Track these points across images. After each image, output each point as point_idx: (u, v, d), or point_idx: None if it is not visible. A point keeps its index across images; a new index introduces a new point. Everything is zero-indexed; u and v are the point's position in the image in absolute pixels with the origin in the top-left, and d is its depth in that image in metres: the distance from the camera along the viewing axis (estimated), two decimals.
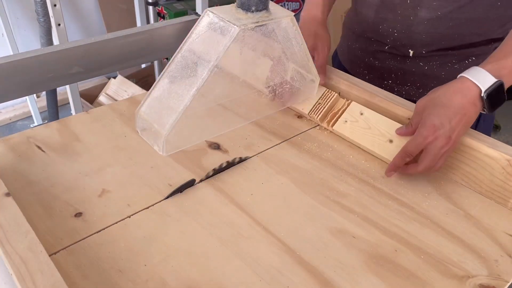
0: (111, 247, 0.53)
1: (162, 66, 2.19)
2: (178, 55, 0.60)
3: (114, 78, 2.22)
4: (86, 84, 2.28)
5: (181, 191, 0.62)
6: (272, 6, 0.61)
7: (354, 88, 0.78)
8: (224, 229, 0.57)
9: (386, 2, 0.83)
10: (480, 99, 0.61)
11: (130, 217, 0.58)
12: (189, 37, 0.60)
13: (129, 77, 2.21)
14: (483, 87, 0.60)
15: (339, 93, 0.80)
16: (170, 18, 2.16)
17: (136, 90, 2.11)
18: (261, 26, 0.59)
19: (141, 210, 0.59)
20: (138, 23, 2.18)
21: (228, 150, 0.72)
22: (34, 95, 2.19)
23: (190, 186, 0.63)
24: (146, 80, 2.32)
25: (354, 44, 0.93)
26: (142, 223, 0.57)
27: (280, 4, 2.36)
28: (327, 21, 0.87)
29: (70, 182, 0.63)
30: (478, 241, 0.58)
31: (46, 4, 1.58)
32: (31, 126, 2.19)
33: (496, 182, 0.64)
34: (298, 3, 2.49)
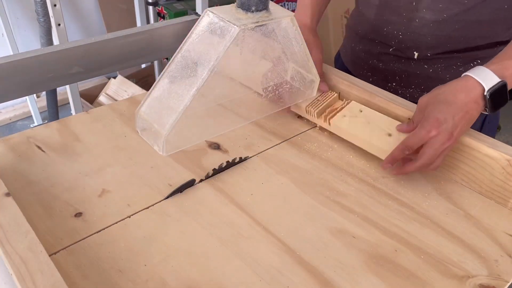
0: (111, 247, 0.53)
1: (162, 66, 2.19)
2: (178, 55, 0.60)
3: (114, 78, 2.22)
4: (86, 84, 2.28)
5: (181, 191, 0.62)
6: (272, 6, 0.61)
7: (354, 88, 0.78)
8: (224, 229, 0.57)
9: (390, 4, 0.82)
10: (483, 98, 0.61)
11: (130, 217, 0.58)
12: (189, 37, 0.60)
13: (129, 77, 2.21)
14: (487, 86, 0.60)
15: (339, 93, 0.80)
16: (170, 18, 2.16)
17: (136, 90, 2.11)
18: (261, 26, 0.59)
19: (141, 210, 0.59)
20: (138, 23, 2.18)
21: (228, 150, 0.72)
22: (34, 95, 2.19)
23: (190, 186, 0.63)
24: (146, 80, 2.32)
25: (357, 45, 0.93)
26: (142, 223, 0.57)
27: (280, 4, 2.36)
28: (328, 23, 0.86)
29: (70, 182, 0.63)
30: (478, 241, 0.58)
31: (46, 4, 1.58)
32: (31, 126, 2.19)
33: (496, 182, 0.64)
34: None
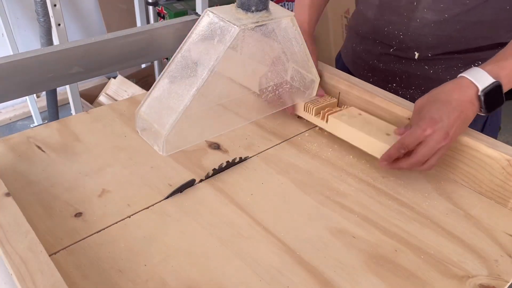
0: (111, 247, 0.53)
1: (162, 66, 2.19)
2: (178, 55, 0.60)
3: (114, 78, 2.22)
4: (86, 84, 2.28)
5: (181, 191, 0.62)
6: (272, 6, 0.61)
7: (354, 88, 0.78)
8: (224, 229, 0.57)
9: (391, 4, 0.82)
10: (477, 99, 0.61)
11: (130, 217, 0.58)
12: (189, 37, 0.60)
13: (129, 77, 2.21)
14: (481, 87, 0.61)
15: (339, 93, 0.80)
16: (170, 18, 2.16)
17: (136, 90, 2.11)
18: (261, 26, 0.59)
19: (141, 210, 0.59)
20: (138, 23, 2.18)
21: (228, 150, 0.72)
22: (34, 95, 2.19)
23: (190, 186, 0.63)
24: (146, 80, 2.32)
25: (358, 46, 0.93)
26: (142, 223, 0.57)
27: (280, 4, 2.36)
28: (328, 23, 0.86)
29: (70, 182, 0.63)
30: (478, 241, 0.58)
31: (46, 4, 1.58)
32: (31, 126, 2.19)
33: (496, 182, 0.64)
34: None
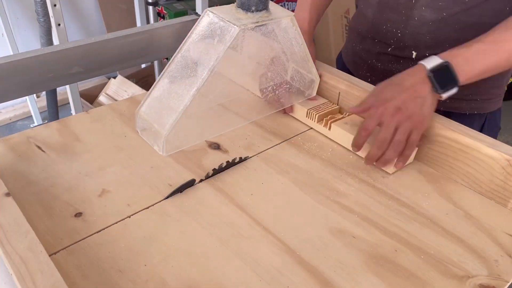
0: (111, 247, 0.53)
1: (162, 66, 2.19)
2: (178, 55, 0.60)
3: (114, 78, 2.22)
4: (86, 84, 2.28)
5: (181, 191, 0.62)
6: (272, 6, 0.61)
7: (354, 88, 0.78)
8: (224, 229, 0.57)
9: (389, 2, 0.82)
10: (428, 79, 0.65)
11: (130, 217, 0.58)
12: (189, 37, 0.60)
13: (129, 77, 2.21)
14: (428, 66, 0.65)
15: (339, 93, 0.80)
16: (170, 18, 2.16)
17: (136, 90, 2.11)
18: (261, 26, 0.59)
19: (141, 210, 0.59)
20: (138, 23, 2.18)
21: (228, 150, 0.72)
22: (34, 95, 2.19)
23: (190, 186, 0.63)
24: (146, 80, 2.32)
25: (358, 45, 0.93)
26: (142, 223, 0.57)
27: (280, 4, 2.36)
28: (328, 23, 0.86)
29: (70, 182, 0.63)
30: (478, 241, 0.58)
31: (46, 4, 1.58)
32: (31, 126, 2.19)
33: (496, 182, 0.64)
34: None
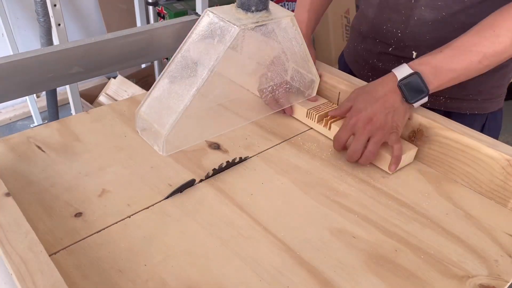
0: (111, 247, 0.53)
1: (162, 66, 2.19)
2: (178, 55, 0.60)
3: (114, 78, 2.22)
4: (86, 84, 2.28)
5: (181, 191, 0.62)
6: (272, 6, 0.61)
7: (354, 88, 0.78)
8: (224, 229, 0.57)
9: (389, 2, 0.82)
10: (399, 88, 0.68)
11: (130, 217, 0.58)
12: (189, 37, 0.60)
13: (129, 77, 2.21)
14: (399, 77, 0.68)
15: (339, 93, 0.80)
16: (170, 18, 2.16)
17: (136, 90, 2.11)
18: (261, 26, 0.59)
19: (141, 210, 0.59)
20: (138, 23, 2.18)
21: (228, 150, 0.72)
22: (34, 95, 2.19)
23: (190, 186, 0.63)
24: (146, 80, 2.32)
25: (359, 45, 0.93)
26: (142, 223, 0.57)
27: (280, 4, 2.36)
28: (328, 23, 0.87)
29: (70, 182, 0.63)
30: (478, 241, 0.58)
31: (46, 4, 1.58)
32: (31, 126, 2.19)
33: (496, 182, 0.64)
34: None
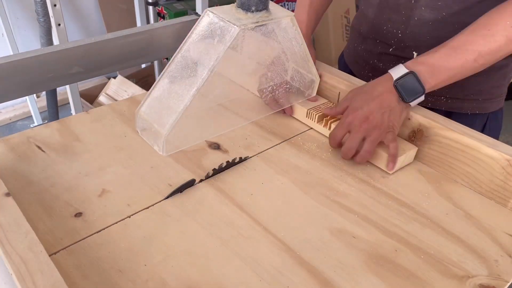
0: (111, 247, 0.53)
1: (162, 66, 2.19)
2: (178, 55, 0.60)
3: (114, 78, 2.22)
4: (86, 84, 2.28)
5: (181, 191, 0.62)
6: (272, 6, 0.61)
7: (354, 88, 0.78)
8: (224, 229, 0.57)
9: (389, 2, 0.82)
10: (395, 88, 0.68)
11: (130, 217, 0.58)
12: (189, 37, 0.60)
13: (129, 77, 2.21)
14: (395, 77, 0.68)
15: (339, 93, 0.80)
16: (170, 18, 2.16)
17: (136, 90, 2.11)
18: (261, 26, 0.59)
19: (141, 210, 0.59)
20: (138, 23, 2.18)
21: (228, 150, 0.72)
22: (34, 95, 2.19)
23: (190, 186, 0.63)
24: (146, 80, 2.32)
25: (360, 45, 0.93)
26: (142, 223, 0.57)
27: (280, 4, 2.36)
28: (328, 23, 0.86)
29: (70, 182, 0.63)
30: (478, 241, 0.58)
31: (46, 4, 1.58)
32: (31, 126, 2.19)
33: (496, 182, 0.64)
34: None
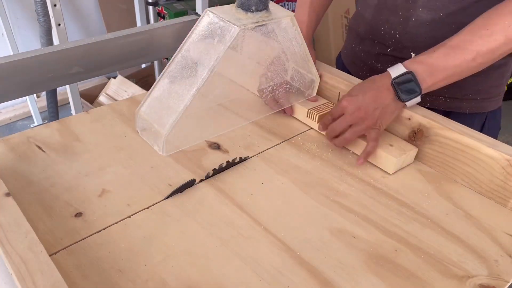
0: (111, 247, 0.53)
1: (162, 66, 2.19)
2: (178, 55, 0.60)
3: (114, 78, 2.22)
4: (86, 84, 2.28)
5: (181, 191, 0.62)
6: (272, 6, 0.61)
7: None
8: (224, 229, 0.57)
9: (387, 3, 0.82)
10: (392, 86, 0.68)
11: (130, 217, 0.58)
12: (189, 37, 0.60)
13: (129, 77, 2.21)
14: (393, 75, 0.68)
15: (339, 93, 0.80)
16: (170, 18, 2.16)
17: (136, 90, 2.11)
18: (261, 26, 0.59)
19: (141, 210, 0.59)
20: (138, 23, 2.18)
21: (228, 150, 0.72)
22: (34, 95, 2.19)
23: (190, 186, 0.63)
24: (146, 80, 2.32)
25: (357, 46, 0.93)
26: (142, 223, 0.57)
27: (280, 4, 2.36)
28: (328, 23, 0.86)
29: (70, 182, 0.63)
30: (478, 241, 0.58)
31: (46, 4, 1.58)
32: (31, 126, 2.19)
33: (496, 182, 0.64)
34: None
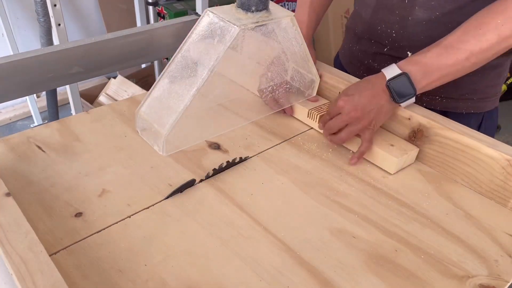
0: (111, 247, 0.53)
1: (162, 66, 2.19)
2: (178, 55, 0.60)
3: (114, 78, 2.22)
4: (86, 84, 2.28)
5: (181, 191, 0.62)
6: (272, 6, 0.61)
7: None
8: (224, 229, 0.57)
9: (383, 2, 0.82)
10: (387, 87, 0.68)
11: (130, 217, 0.58)
12: (189, 37, 0.60)
13: (129, 77, 2.21)
14: (388, 77, 0.68)
15: (339, 93, 0.80)
16: (170, 18, 2.16)
17: (136, 90, 2.11)
18: (261, 26, 0.59)
19: (141, 210, 0.59)
20: (138, 23, 2.18)
21: (228, 150, 0.72)
22: (34, 95, 2.19)
23: (190, 186, 0.63)
24: (146, 80, 2.32)
25: (355, 46, 0.93)
26: (142, 223, 0.57)
27: (280, 4, 2.36)
28: (328, 23, 0.87)
29: (70, 182, 0.63)
30: (478, 241, 0.58)
31: (46, 4, 1.58)
32: (31, 126, 2.19)
33: (496, 182, 0.64)
34: None
